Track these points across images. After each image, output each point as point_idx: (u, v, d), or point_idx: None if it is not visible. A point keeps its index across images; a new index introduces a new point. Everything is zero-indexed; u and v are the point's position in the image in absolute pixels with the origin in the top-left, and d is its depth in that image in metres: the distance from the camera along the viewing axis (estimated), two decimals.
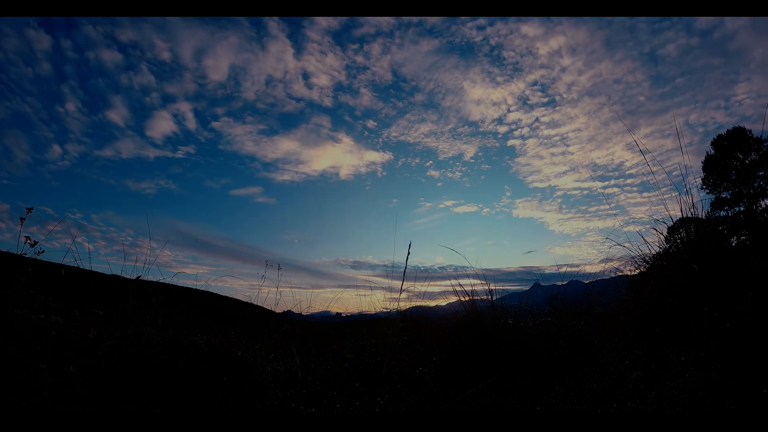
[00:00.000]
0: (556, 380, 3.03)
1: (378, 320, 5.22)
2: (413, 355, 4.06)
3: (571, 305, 4.71)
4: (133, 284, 3.03)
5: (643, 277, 3.91)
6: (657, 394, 2.27)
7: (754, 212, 22.71)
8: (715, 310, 2.61)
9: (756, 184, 22.97)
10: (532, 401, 2.72)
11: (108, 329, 3.05)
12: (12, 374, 1.93)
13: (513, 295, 4.54)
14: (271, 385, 2.91)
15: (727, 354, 2.28)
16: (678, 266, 3.39)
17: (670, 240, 3.94)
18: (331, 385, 2.93)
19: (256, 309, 4.98)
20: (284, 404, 2.64)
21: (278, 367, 3.36)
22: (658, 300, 3.36)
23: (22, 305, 2.32)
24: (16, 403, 1.84)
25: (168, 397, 2.48)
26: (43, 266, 2.63)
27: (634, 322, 3.53)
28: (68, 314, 2.83)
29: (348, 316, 6.75)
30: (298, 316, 5.48)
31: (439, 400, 2.93)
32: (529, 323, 3.99)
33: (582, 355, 3.45)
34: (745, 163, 23.32)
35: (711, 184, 24.19)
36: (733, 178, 23.57)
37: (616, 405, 2.39)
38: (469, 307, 4.10)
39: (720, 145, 24.19)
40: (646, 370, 2.72)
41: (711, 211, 23.42)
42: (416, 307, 5.70)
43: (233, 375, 2.87)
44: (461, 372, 3.39)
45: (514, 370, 3.24)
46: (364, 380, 3.01)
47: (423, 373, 3.58)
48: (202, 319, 3.95)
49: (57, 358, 2.20)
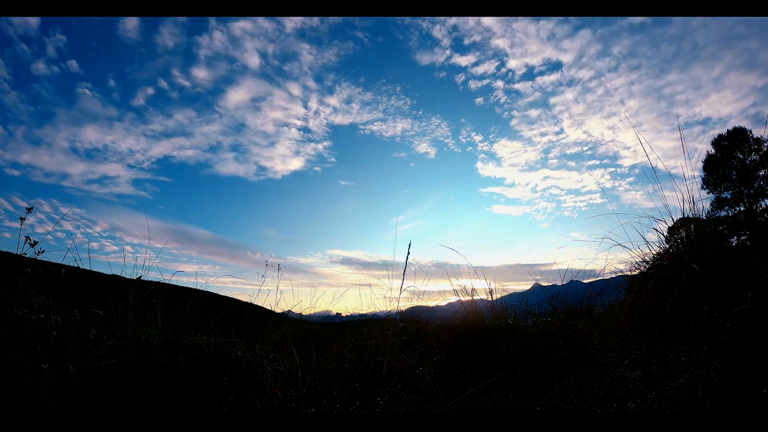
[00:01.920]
0: (556, 380, 3.03)
1: (378, 320, 5.22)
2: (413, 355, 4.06)
3: (571, 305, 4.71)
4: (133, 284, 3.03)
5: (643, 277, 3.91)
6: (657, 394, 2.27)
7: (754, 212, 22.71)
8: (715, 310, 2.61)
9: (756, 184, 22.98)
10: (532, 401, 2.72)
11: (108, 329, 3.05)
12: (12, 374, 1.93)
13: (513, 295, 4.54)
14: (271, 385, 2.91)
15: (727, 354, 2.28)
16: (678, 266, 3.39)
17: (670, 240, 3.94)
18: (331, 385, 2.93)
19: (256, 309, 4.98)
20: (284, 404, 2.64)
21: (278, 367, 3.36)
22: (658, 300, 3.36)
23: (22, 305, 2.32)
24: (16, 403, 1.84)
25: (168, 397, 2.48)
26: (43, 266, 2.63)
27: (634, 322, 3.53)
28: (68, 314, 2.83)
29: (348, 316, 6.75)
30: (298, 316, 5.48)
31: (439, 400, 2.93)
32: (529, 323, 3.99)
33: (582, 355, 3.45)
34: (745, 163, 23.32)
35: (711, 183, 24.20)
36: (733, 178, 23.57)
37: (616, 405, 2.39)
38: (469, 307, 4.10)
39: (720, 144, 24.20)
40: (646, 370, 2.72)
41: (711, 210, 23.46)
42: (416, 307, 5.70)
43: (233, 375, 2.87)
44: (461, 372, 3.39)
45: (514, 370, 3.24)
46: (364, 380, 3.01)
47: (423, 373, 3.58)
48: (202, 319, 3.96)
49: (57, 358, 2.20)
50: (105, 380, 2.47)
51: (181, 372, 2.67)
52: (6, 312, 2.18)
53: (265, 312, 5.57)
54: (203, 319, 3.96)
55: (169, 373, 2.63)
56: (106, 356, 2.63)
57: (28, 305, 2.37)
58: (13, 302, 2.26)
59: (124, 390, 2.40)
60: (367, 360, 3.49)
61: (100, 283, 3.55)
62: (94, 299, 3.28)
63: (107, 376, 2.50)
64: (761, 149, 23.09)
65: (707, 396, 2.08)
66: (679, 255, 3.54)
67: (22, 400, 1.86)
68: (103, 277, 3.80)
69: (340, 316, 6.66)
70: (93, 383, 2.39)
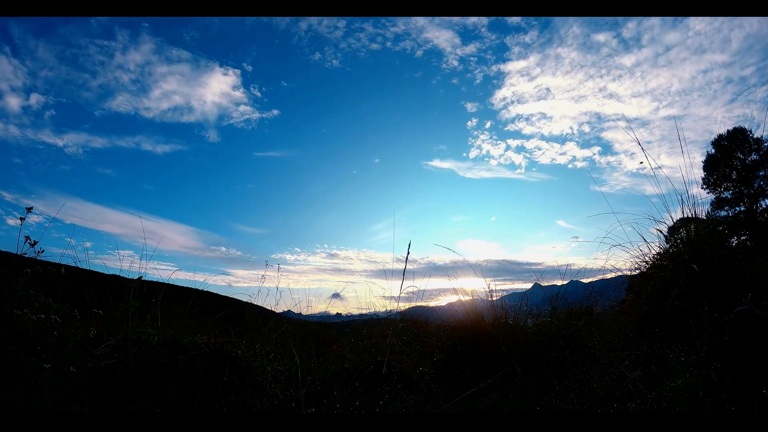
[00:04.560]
0: (556, 380, 3.03)
1: (378, 320, 5.22)
2: (413, 355, 4.06)
3: (571, 305, 4.71)
4: (133, 284, 3.03)
5: (643, 277, 3.91)
6: (657, 394, 2.27)
7: (754, 212, 22.70)
8: (715, 310, 2.61)
9: (756, 184, 22.97)
10: (532, 401, 2.72)
11: (108, 329, 3.05)
12: (12, 374, 1.93)
13: (513, 294, 4.54)
14: (271, 385, 2.91)
15: (727, 354, 2.28)
16: (678, 266, 3.39)
17: (670, 240, 3.94)
18: (331, 385, 2.93)
19: (256, 309, 4.98)
20: (284, 404, 2.64)
21: (278, 367, 3.36)
22: (658, 300, 3.36)
23: (22, 305, 2.32)
24: (16, 403, 1.84)
25: (168, 397, 2.48)
26: (43, 266, 2.63)
27: (634, 322, 3.53)
28: (68, 314, 2.83)
29: (348, 316, 6.75)
30: (298, 316, 5.48)
31: (439, 400, 2.93)
32: (529, 323, 3.99)
33: (582, 355, 3.45)
34: (745, 163, 23.32)
35: (711, 183, 24.18)
36: (733, 178, 23.57)
37: (616, 405, 2.39)
38: (469, 307, 4.10)
39: (720, 144, 24.18)
40: (646, 370, 2.72)
41: (711, 211, 23.44)
42: (416, 307, 5.70)
43: (233, 375, 2.87)
44: (461, 372, 3.39)
45: (514, 370, 3.24)
46: (364, 380, 3.01)
47: (423, 373, 3.58)
48: (202, 319, 3.96)
49: (57, 358, 2.20)
50: (105, 380, 2.47)
51: (181, 372, 2.67)
52: (6, 312, 2.18)
53: (265, 312, 5.56)
54: (203, 319, 3.96)
55: (169, 373, 2.63)
56: (106, 356, 2.63)
57: (28, 305, 2.37)
58: (13, 302, 2.26)
59: (124, 390, 2.40)
60: (367, 360, 3.48)
61: (100, 283, 3.55)
62: (94, 299, 3.28)
63: (107, 376, 2.50)
64: (761, 149, 23.08)
65: (707, 396, 2.08)
66: (679, 255, 3.54)
67: (23, 400, 1.86)
68: (103, 277, 3.80)
69: (340, 316, 6.66)
70: (93, 383, 2.39)
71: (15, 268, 2.43)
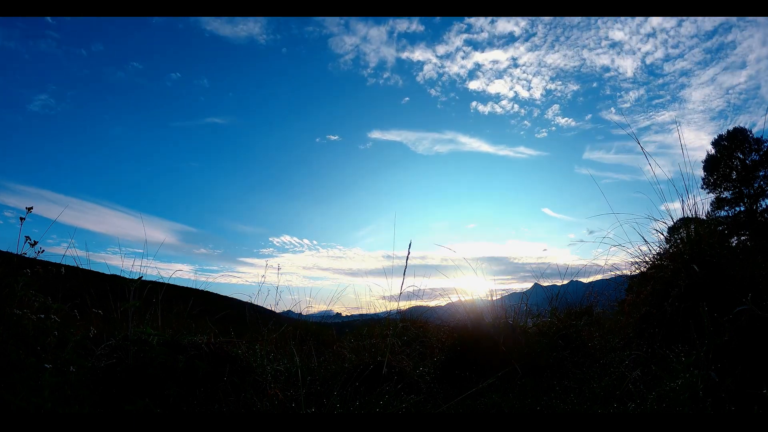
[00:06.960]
0: (556, 380, 3.03)
1: (378, 320, 5.22)
2: (413, 355, 4.06)
3: (571, 305, 4.71)
4: (133, 284, 3.03)
5: (643, 278, 3.91)
6: (657, 394, 2.27)
7: (754, 212, 22.70)
8: (715, 310, 2.61)
9: (756, 184, 22.97)
10: (532, 401, 2.72)
11: (108, 329, 3.05)
12: (12, 374, 1.93)
13: (513, 295, 4.54)
14: (271, 385, 2.91)
15: (727, 354, 2.28)
16: (678, 266, 3.39)
17: (670, 240, 3.94)
18: (331, 385, 2.93)
19: (256, 309, 4.98)
20: (284, 404, 2.63)
21: (278, 367, 3.36)
22: (658, 300, 3.36)
23: (22, 305, 2.32)
24: (16, 403, 1.84)
25: (168, 397, 2.48)
26: (43, 266, 2.63)
27: (634, 322, 3.53)
28: (68, 314, 2.83)
29: (348, 316, 6.75)
30: (298, 316, 5.48)
31: (439, 400, 2.93)
32: (529, 323, 3.99)
33: (582, 355, 3.45)
34: (745, 163, 23.32)
35: (711, 184, 24.18)
36: (733, 178, 23.56)
37: (616, 405, 2.38)
38: (469, 307, 4.10)
39: (720, 144, 24.18)
40: (646, 370, 2.72)
41: (711, 211, 23.42)
42: (416, 307, 5.70)
43: (233, 375, 2.87)
44: (461, 372, 3.39)
45: (514, 370, 3.24)
46: (364, 380, 3.01)
47: (423, 373, 3.58)
48: (202, 319, 3.96)
49: (57, 358, 2.20)
50: (105, 380, 2.47)
51: (181, 372, 2.67)
52: (6, 312, 2.18)
53: (265, 312, 5.56)
54: (203, 319, 3.97)
55: (169, 373, 2.63)
56: (106, 356, 2.63)
57: (28, 305, 2.37)
58: (13, 302, 2.26)
59: (124, 390, 2.40)
60: (367, 360, 3.48)
61: (100, 283, 3.55)
62: (94, 299, 3.28)
63: (107, 376, 2.50)
64: (761, 149, 23.07)
65: (707, 396, 2.08)
66: (679, 255, 3.54)
67: (23, 400, 1.86)
68: (103, 276, 3.80)
69: (340, 316, 6.66)
70: (93, 383, 2.39)
71: (15, 268, 2.43)
